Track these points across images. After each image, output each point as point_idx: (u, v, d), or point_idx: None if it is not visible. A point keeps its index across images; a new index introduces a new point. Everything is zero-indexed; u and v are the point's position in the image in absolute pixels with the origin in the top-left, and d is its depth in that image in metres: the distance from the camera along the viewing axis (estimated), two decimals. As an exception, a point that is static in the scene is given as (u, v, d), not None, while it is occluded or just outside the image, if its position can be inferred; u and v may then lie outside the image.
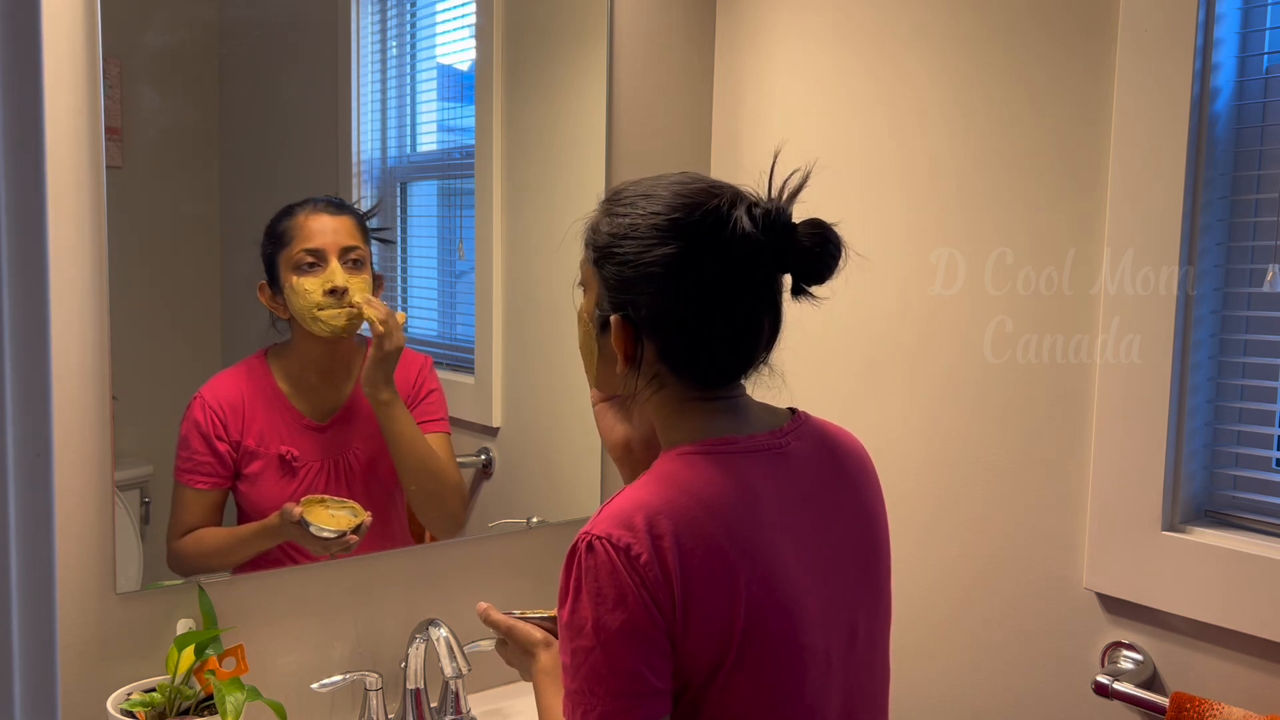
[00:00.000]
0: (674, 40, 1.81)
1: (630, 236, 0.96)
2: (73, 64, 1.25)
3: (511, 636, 1.08)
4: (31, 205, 0.47)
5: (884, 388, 1.57)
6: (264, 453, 1.46)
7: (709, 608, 0.89)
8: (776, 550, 0.93)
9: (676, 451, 0.96)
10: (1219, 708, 1.19)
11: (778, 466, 0.98)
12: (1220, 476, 1.31)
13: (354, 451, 1.52)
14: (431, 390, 1.60)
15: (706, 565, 0.89)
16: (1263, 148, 1.25)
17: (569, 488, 1.80)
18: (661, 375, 0.98)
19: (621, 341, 0.98)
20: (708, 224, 0.93)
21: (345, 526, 1.45)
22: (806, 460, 1.01)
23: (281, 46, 1.49)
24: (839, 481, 1.03)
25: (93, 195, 1.28)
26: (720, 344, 0.96)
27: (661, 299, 0.95)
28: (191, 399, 1.41)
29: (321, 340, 1.47)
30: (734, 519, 0.92)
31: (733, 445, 0.96)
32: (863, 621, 1.02)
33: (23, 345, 0.47)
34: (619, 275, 0.97)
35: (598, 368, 1.05)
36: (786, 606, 0.92)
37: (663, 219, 0.94)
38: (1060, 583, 1.40)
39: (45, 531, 0.48)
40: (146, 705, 1.27)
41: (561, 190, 1.76)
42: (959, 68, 1.48)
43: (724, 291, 0.94)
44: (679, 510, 0.90)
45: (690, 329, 0.95)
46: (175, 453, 1.40)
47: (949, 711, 1.53)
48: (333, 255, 1.45)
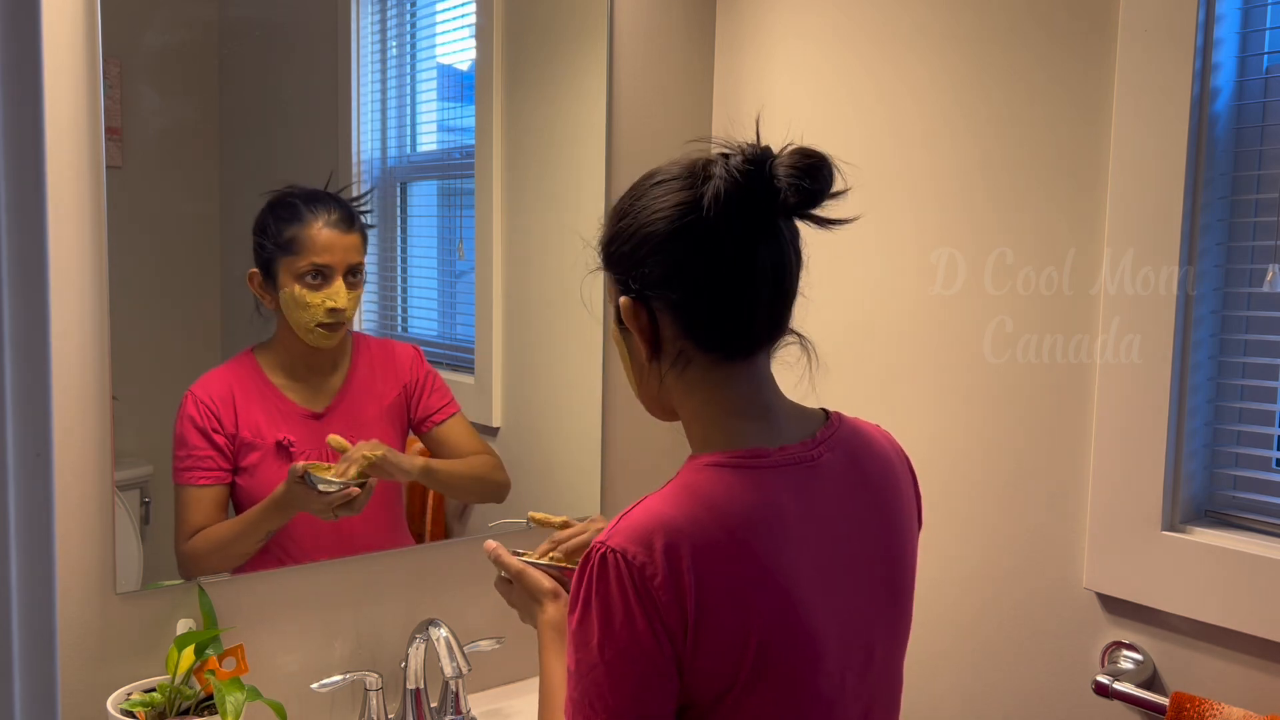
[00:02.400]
0: (674, 40, 1.81)
1: (627, 216, 0.96)
2: (73, 64, 1.25)
3: (520, 581, 1.08)
4: (31, 205, 0.47)
5: (883, 388, 1.57)
6: (261, 443, 1.46)
7: (722, 632, 0.87)
8: (798, 573, 0.91)
9: (705, 461, 0.93)
10: (1219, 708, 1.19)
11: (807, 481, 0.95)
12: (1220, 476, 1.31)
13: (351, 440, 1.52)
14: (432, 376, 1.61)
15: (723, 590, 0.87)
16: (1263, 148, 1.25)
17: (569, 488, 1.80)
18: (686, 351, 0.95)
19: (636, 320, 0.96)
20: (695, 181, 0.93)
21: (350, 478, 1.47)
22: (837, 473, 0.97)
23: (281, 46, 1.49)
24: (869, 495, 1.00)
25: (93, 195, 1.28)
26: (730, 292, 0.93)
27: (663, 261, 0.93)
28: (183, 397, 1.41)
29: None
30: (757, 542, 0.89)
31: (762, 459, 0.93)
32: (880, 640, 1.00)
33: (23, 345, 0.47)
34: (622, 257, 0.96)
35: (634, 376, 1.02)
36: (803, 633, 0.91)
37: (652, 189, 0.95)
38: (1060, 583, 1.40)
39: (45, 531, 0.48)
40: (146, 705, 1.27)
41: (561, 190, 1.76)
42: (959, 68, 1.48)
43: (721, 235, 0.91)
44: (700, 530, 0.88)
45: (696, 281, 0.93)
46: (173, 455, 1.40)
47: (949, 711, 1.53)
48: (339, 273, 1.46)
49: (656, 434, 1.85)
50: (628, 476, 1.82)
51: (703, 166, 0.94)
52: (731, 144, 0.94)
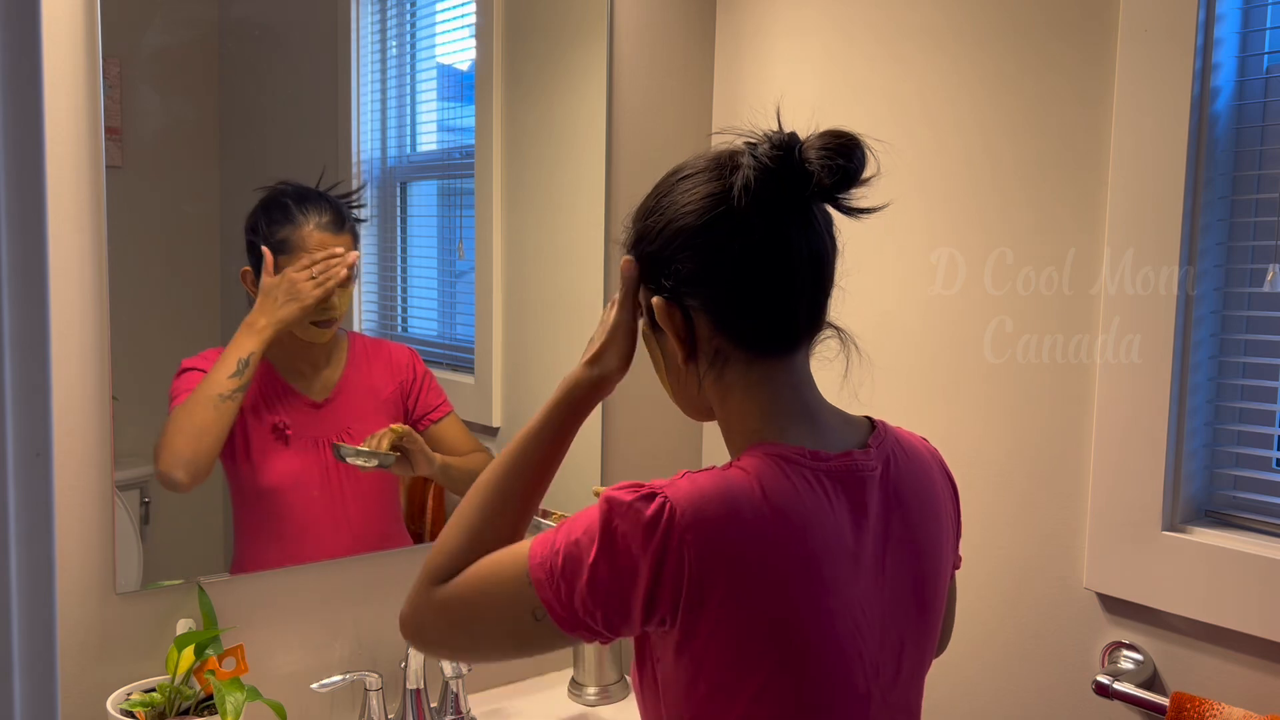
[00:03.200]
0: (674, 39, 1.81)
1: (654, 213, 0.94)
2: (73, 64, 1.25)
3: (606, 323, 1.01)
4: (31, 205, 0.47)
5: (884, 388, 1.57)
6: (257, 423, 1.46)
7: (753, 614, 0.85)
8: (839, 581, 0.89)
9: (775, 451, 0.90)
10: (1219, 708, 1.19)
11: (861, 492, 0.92)
12: (1220, 476, 1.31)
13: (349, 431, 1.53)
14: (428, 375, 1.63)
15: (760, 573, 0.85)
16: (1263, 148, 1.25)
17: (569, 487, 1.80)
18: (723, 350, 0.93)
19: (670, 321, 0.93)
20: (724, 172, 0.90)
21: (381, 449, 1.51)
22: (883, 484, 0.95)
23: (281, 46, 1.49)
24: (910, 508, 0.97)
25: (93, 195, 1.28)
26: (766, 283, 0.90)
27: (695, 256, 0.90)
28: (180, 366, 1.40)
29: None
30: (806, 544, 0.87)
31: (823, 462, 0.90)
32: (909, 659, 0.97)
33: (23, 345, 0.47)
34: (652, 255, 0.93)
35: (669, 379, 0.99)
36: (833, 642, 0.89)
37: (679, 183, 0.93)
38: (1060, 583, 1.40)
39: (45, 531, 0.48)
40: (146, 705, 1.27)
41: (561, 190, 1.76)
42: (960, 67, 1.48)
43: (754, 225, 0.89)
44: (756, 514, 0.85)
45: (731, 274, 0.90)
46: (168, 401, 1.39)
47: (949, 711, 1.53)
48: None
49: (657, 434, 1.85)
50: (628, 476, 1.81)
51: (729, 157, 0.91)
52: (756, 133, 0.92)
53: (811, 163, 0.88)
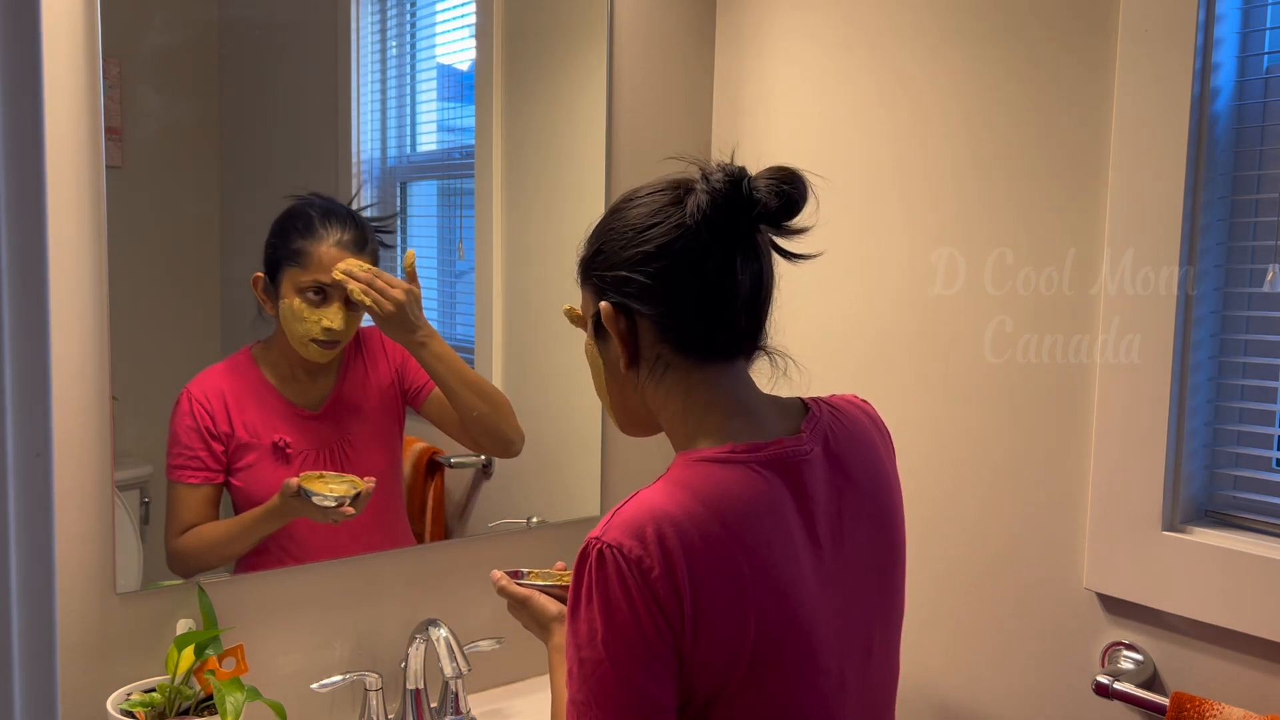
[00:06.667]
0: (674, 40, 1.81)
1: (610, 230, 1.00)
2: (73, 64, 1.25)
3: (528, 608, 1.09)
4: (31, 205, 0.47)
5: (884, 388, 1.57)
6: (257, 443, 1.46)
7: (719, 624, 0.88)
8: (794, 567, 0.92)
9: (697, 456, 0.94)
10: (1219, 708, 1.19)
11: (800, 476, 0.96)
12: (1220, 476, 1.31)
13: (348, 439, 1.52)
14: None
15: (719, 582, 0.88)
16: (1263, 148, 1.25)
17: (569, 488, 1.80)
18: (664, 356, 0.98)
19: (616, 325, 0.98)
20: (679, 195, 0.97)
21: (345, 494, 1.46)
22: (825, 464, 0.99)
23: (281, 46, 1.49)
24: (858, 481, 1.01)
25: (93, 195, 1.28)
26: (712, 299, 0.96)
27: (648, 271, 0.96)
28: (180, 395, 1.41)
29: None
30: (751, 536, 0.90)
31: (756, 453, 0.94)
32: (878, 632, 1.01)
33: (23, 345, 0.47)
34: (605, 269, 0.99)
35: (610, 389, 1.04)
36: (800, 627, 0.91)
37: (634, 204, 0.99)
38: (1060, 583, 1.40)
39: (45, 531, 0.48)
40: (146, 705, 1.27)
41: (561, 190, 1.76)
42: (960, 68, 1.48)
43: (705, 244, 0.95)
44: (695, 523, 0.88)
45: (680, 290, 0.96)
46: (167, 451, 1.40)
47: (949, 711, 1.53)
48: (340, 295, 1.46)
49: (653, 442, 1.85)
50: (628, 476, 1.82)
51: (685, 182, 0.98)
52: (708, 164, 0.99)
53: (760, 190, 0.94)
